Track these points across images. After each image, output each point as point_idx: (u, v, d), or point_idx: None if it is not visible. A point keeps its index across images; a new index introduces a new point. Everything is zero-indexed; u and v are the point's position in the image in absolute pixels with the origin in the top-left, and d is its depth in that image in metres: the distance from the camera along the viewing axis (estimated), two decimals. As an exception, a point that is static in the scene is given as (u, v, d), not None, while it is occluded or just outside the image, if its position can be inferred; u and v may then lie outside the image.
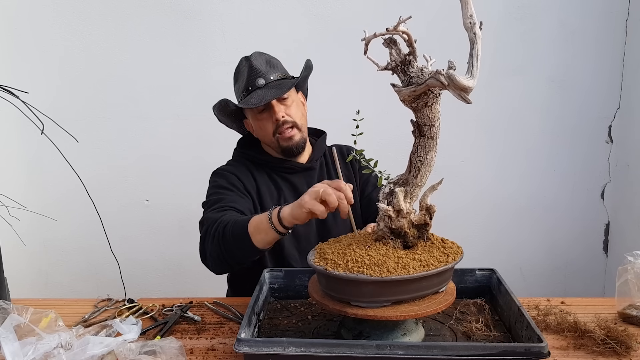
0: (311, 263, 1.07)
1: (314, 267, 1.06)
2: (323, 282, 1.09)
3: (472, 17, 0.89)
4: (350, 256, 1.03)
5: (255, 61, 1.51)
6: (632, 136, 2.32)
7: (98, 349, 1.02)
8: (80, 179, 1.35)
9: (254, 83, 1.48)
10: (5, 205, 1.32)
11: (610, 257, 2.53)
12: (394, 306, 1.02)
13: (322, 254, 1.08)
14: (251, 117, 1.56)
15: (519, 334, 1.07)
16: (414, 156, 1.04)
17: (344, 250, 1.06)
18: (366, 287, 1.00)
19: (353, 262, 1.01)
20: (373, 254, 1.02)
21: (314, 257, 1.09)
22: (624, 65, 2.36)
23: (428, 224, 1.07)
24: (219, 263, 1.37)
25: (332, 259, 1.04)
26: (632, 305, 1.23)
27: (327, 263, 1.03)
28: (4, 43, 2.32)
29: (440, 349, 0.93)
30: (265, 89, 1.47)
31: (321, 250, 1.10)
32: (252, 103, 1.45)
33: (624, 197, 2.40)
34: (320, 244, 1.16)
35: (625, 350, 1.06)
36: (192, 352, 1.12)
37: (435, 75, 0.90)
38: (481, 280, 1.32)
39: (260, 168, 1.60)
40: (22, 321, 1.09)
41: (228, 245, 1.30)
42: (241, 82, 1.52)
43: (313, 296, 1.10)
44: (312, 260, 1.08)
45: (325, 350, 0.95)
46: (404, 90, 0.97)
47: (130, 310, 1.32)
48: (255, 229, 1.26)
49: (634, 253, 1.24)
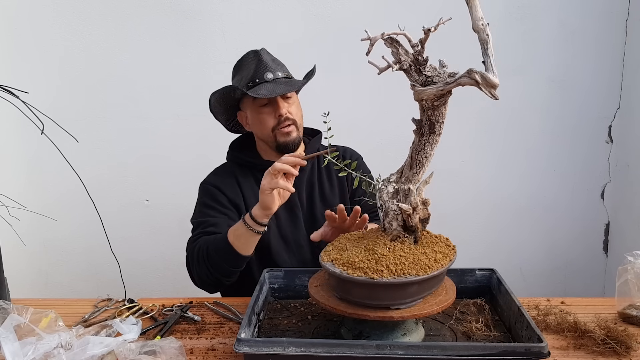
0: (345, 275, 1.00)
1: (354, 279, 0.99)
2: (356, 292, 1.02)
3: (482, 19, 0.94)
4: (385, 261, 1.00)
5: (264, 56, 1.53)
6: (632, 136, 2.32)
7: (98, 349, 1.02)
8: (81, 179, 1.35)
9: (262, 76, 1.49)
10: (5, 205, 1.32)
11: (610, 257, 2.53)
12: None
13: (349, 264, 1.02)
14: (250, 110, 1.55)
15: (519, 334, 1.07)
16: (420, 153, 1.06)
17: (371, 256, 1.02)
18: (412, 287, 1.00)
19: (395, 266, 0.99)
20: (405, 254, 1.02)
21: (341, 269, 1.02)
22: (624, 65, 2.36)
23: (428, 218, 1.10)
24: (209, 283, 1.46)
25: (364, 267, 1.00)
26: (632, 305, 1.23)
27: (364, 272, 0.99)
28: (4, 43, 2.32)
29: (440, 349, 0.93)
30: (274, 83, 1.49)
31: (340, 260, 1.05)
32: (262, 93, 1.45)
33: (624, 197, 2.40)
34: (326, 254, 1.11)
35: (625, 350, 1.06)
36: (192, 352, 1.12)
37: (469, 74, 0.94)
38: (481, 280, 1.32)
39: (249, 172, 1.60)
40: (22, 321, 1.09)
41: (214, 262, 1.39)
42: (246, 73, 1.52)
43: (332, 306, 1.05)
44: (343, 271, 1.01)
45: (325, 350, 0.95)
46: (428, 90, 0.97)
47: (130, 310, 1.32)
48: (235, 237, 1.34)
49: (634, 253, 1.25)
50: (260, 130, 1.56)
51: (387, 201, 1.07)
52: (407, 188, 1.06)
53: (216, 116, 1.62)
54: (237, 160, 1.63)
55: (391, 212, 1.06)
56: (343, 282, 1.03)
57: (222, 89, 1.51)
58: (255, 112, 1.53)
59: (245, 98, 1.55)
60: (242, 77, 1.52)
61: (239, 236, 1.34)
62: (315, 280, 1.17)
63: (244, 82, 1.51)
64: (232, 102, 1.57)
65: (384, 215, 1.07)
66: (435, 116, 1.02)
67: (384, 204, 1.06)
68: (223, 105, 1.58)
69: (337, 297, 1.07)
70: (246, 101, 1.55)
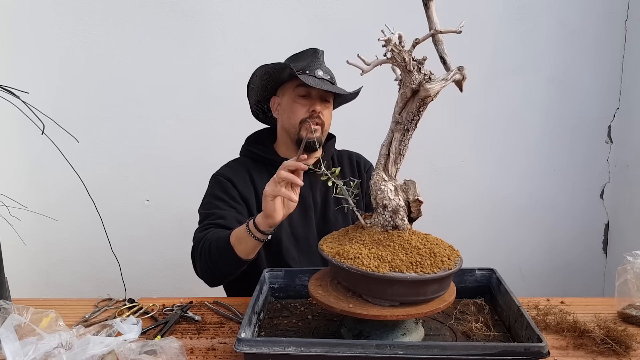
0: (390, 274, 0.98)
1: (393, 277, 0.97)
2: (387, 291, 1.00)
3: (437, 23, 1.02)
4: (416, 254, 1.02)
5: (321, 56, 1.59)
6: (631, 136, 2.33)
7: (98, 349, 1.02)
8: (81, 179, 1.35)
9: (314, 71, 1.53)
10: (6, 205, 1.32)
11: (610, 257, 2.53)
12: (398, 306, 1.02)
13: (380, 258, 1.01)
14: (287, 96, 1.56)
15: (518, 333, 1.07)
16: (404, 148, 1.10)
17: (393, 255, 1.02)
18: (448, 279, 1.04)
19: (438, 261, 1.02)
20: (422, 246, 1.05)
21: (372, 265, 1.00)
22: (624, 65, 2.37)
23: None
24: (209, 277, 1.46)
25: (414, 261, 1.01)
26: (631, 305, 1.23)
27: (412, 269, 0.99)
28: (4, 43, 2.32)
29: (440, 348, 0.94)
30: (321, 81, 1.53)
31: (354, 257, 1.03)
32: (310, 82, 1.48)
33: (623, 197, 2.40)
34: (332, 250, 1.09)
35: (625, 350, 1.07)
36: (193, 352, 1.12)
37: (461, 71, 1.04)
38: (481, 280, 1.32)
39: (263, 168, 1.60)
40: (23, 321, 1.09)
41: (214, 259, 1.38)
42: (300, 64, 1.54)
43: (345, 310, 1.02)
44: (374, 269, 0.99)
45: (325, 350, 0.95)
46: (436, 86, 1.03)
47: (130, 310, 1.32)
48: (237, 240, 1.33)
49: (633, 253, 1.25)
50: (288, 119, 1.56)
51: (393, 199, 1.07)
52: (402, 183, 1.11)
53: (249, 93, 1.62)
54: (251, 155, 1.63)
55: (401, 208, 1.08)
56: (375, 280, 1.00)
57: (273, 64, 1.53)
58: (292, 99, 1.55)
59: (285, 84, 1.56)
60: (295, 66, 1.53)
61: (240, 240, 1.33)
62: (316, 280, 1.17)
63: (296, 70, 1.53)
64: (273, 83, 1.58)
65: (392, 214, 1.07)
66: (422, 112, 1.07)
67: (390, 202, 1.07)
68: (264, 81, 1.58)
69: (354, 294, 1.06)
70: (287, 87, 1.56)
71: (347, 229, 1.16)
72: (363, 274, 0.99)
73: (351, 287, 1.06)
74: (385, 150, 1.10)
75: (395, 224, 1.08)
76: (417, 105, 1.05)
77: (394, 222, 1.08)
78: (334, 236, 1.15)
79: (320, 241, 1.14)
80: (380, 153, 1.11)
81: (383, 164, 1.11)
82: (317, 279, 1.16)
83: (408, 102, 1.07)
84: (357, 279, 1.02)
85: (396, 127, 1.09)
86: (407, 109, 1.07)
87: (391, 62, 1.02)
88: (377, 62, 1.03)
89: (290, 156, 1.56)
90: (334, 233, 1.18)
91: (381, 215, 1.09)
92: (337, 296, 1.06)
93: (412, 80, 1.03)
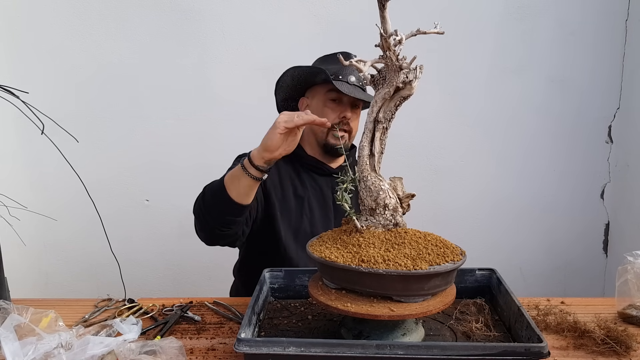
0: (430, 270, 0.98)
1: (435, 271, 0.98)
2: (397, 286, 1.00)
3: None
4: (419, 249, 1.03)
5: None
6: (631, 136, 2.33)
7: (98, 349, 1.02)
8: (81, 179, 1.35)
9: (346, 77, 1.52)
10: (5, 206, 1.32)
11: (610, 257, 2.53)
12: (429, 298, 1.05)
13: (409, 256, 1.01)
14: (317, 100, 1.55)
15: (518, 333, 1.07)
16: (383, 145, 1.12)
17: (398, 252, 1.02)
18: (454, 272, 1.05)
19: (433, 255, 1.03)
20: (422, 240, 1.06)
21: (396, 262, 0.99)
22: (624, 65, 2.37)
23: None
24: (201, 225, 1.38)
25: (427, 258, 1.01)
26: (632, 305, 1.23)
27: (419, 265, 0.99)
28: (4, 43, 2.32)
29: (440, 349, 0.93)
30: (353, 87, 1.52)
31: (362, 257, 1.02)
32: (344, 89, 1.48)
33: (623, 197, 2.40)
34: (332, 247, 1.07)
35: (625, 350, 1.06)
36: (192, 352, 1.12)
37: (421, 70, 1.07)
38: (481, 280, 1.32)
39: (289, 161, 1.59)
40: (23, 321, 1.09)
41: (207, 203, 1.32)
42: (333, 67, 1.52)
43: (348, 310, 1.01)
44: (416, 268, 0.98)
45: (325, 350, 0.95)
46: (416, 83, 1.07)
47: (130, 310, 1.32)
48: (230, 179, 1.28)
49: (633, 253, 1.25)
50: None
51: (393, 197, 1.08)
52: (390, 180, 1.13)
53: (277, 91, 1.61)
54: None
55: (399, 206, 1.09)
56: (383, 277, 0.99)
57: (308, 67, 1.52)
58: (322, 103, 1.54)
59: (316, 86, 1.56)
60: (327, 69, 1.51)
61: (234, 178, 1.26)
62: (316, 280, 1.16)
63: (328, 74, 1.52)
64: (304, 84, 1.58)
65: (393, 212, 1.08)
66: (398, 110, 1.11)
67: (390, 201, 1.07)
68: (295, 81, 1.57)
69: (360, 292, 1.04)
70: (317, 89, 1.56)
71: (335, 236, 1.11)
72: (404, 275, 0.97)
73: (381, 292, 1.02)
74: (367, 151, 1.10)
75: (395, 221, 1.08)
76: (396, 103, 1.08)
77: (395, 220, 1.08)
78: (326, 244, 1.09)
79: (309, 250, 1.08)
80: (361, 154, 1.10)
81: (370, 165, 1.11)
82: (317, 279, 1.16)
83: (386, 101, 1.08)
84: (393, 282, 0.99)
85: (377, 126, 1.10)
86: (384, 108, 1.09)
87: (384, 61, 1.04)
88: (372, 62, 1.04)
89: (317, 156, 1.61)
90: (320, 239, 1.13)
91: (381, 215, 1.08)
92: (338, 296, 1.06)
93: (398, 79, 1.04)
